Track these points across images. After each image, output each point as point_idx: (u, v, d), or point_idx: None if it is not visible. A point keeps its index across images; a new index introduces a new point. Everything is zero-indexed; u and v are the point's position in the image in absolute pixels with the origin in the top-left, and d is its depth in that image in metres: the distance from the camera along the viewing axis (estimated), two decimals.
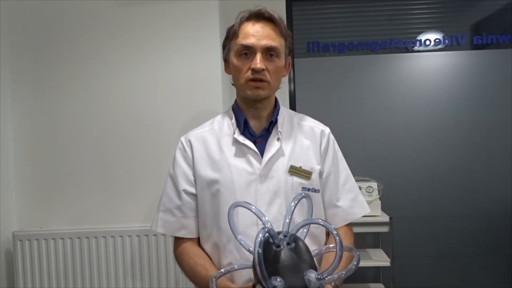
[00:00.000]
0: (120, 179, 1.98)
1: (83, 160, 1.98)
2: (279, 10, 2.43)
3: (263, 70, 1.11)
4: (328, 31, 2.65)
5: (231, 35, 1.16)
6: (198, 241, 1.22)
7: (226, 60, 1.21)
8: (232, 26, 1.16)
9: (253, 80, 1.12)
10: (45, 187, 1.99)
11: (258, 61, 1.10)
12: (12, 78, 1.98)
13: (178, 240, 1.22)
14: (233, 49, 1.15)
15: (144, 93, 1.96)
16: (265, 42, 1.11)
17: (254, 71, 1.10)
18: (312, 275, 0.84)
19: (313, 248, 1.00)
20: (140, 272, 1.92)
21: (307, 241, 0.98)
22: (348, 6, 2.63)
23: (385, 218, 2.18)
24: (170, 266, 1.91)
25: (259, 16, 1.13)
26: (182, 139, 1.25)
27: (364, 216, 1.25)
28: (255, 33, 1.11)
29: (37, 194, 1.99)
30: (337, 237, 0.84)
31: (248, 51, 1.12)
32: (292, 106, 2.52)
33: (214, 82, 1.95)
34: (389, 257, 2.21)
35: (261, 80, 1.12)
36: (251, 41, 1.11)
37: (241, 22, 1.14)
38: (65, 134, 1.98)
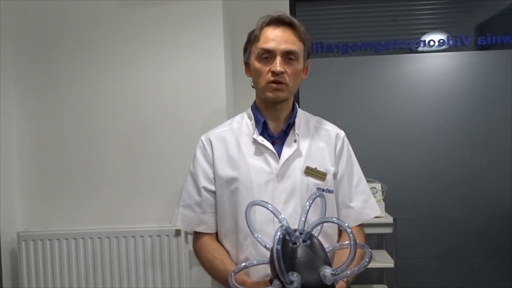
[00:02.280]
0: (125, 179, 1.98)
1: (88, 160, 1.98)
2: (283, 10, 2.43)
3: (282, 73, 1.15)
4: (332, 32, 2.65)
5: (252, 39, 1.21)
6: (216, 235, 1.26)
7: (246, 63, 1.26)
8: (253, 31, 1.21)
9: (273, 82, 1.16)
10: (50, 187, 1.99)
11: (278, 64, 1.14)
12: (17, 78, 1.98)
13: (197, 235, 1.27)
14: (254, 52, 1.20)
15: (148, 93, 1.97)
16: (284, 46, 1.15)
17: (274, 73, 1.15)
18: (327, 270, 0.88)
19: (326, 245, 1.03)
20: (144, 273, 1.92)
21: (321, 239, 1.01)
22: (352, 6, 2.63)
23: (389, 219, 2.18)
24: (173, 266, 1.91)
25: (279, 21, 1.18)
26: (203, 137, 1.29)
27: None
28: (275, 38, 1.16)
29: (42, 195, 1.99)
30: (351, 235, 0.88)
31: (268, 55, 1.16)
32: None
33: (218, 82, 1.96)
34: (392, 258, 2.20)
35: (281, 83, 1.16)
36: (271, 45, 1.15)
37: (262, 27, 1.19)
38: (70, 135, 1.98)
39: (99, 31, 1.97)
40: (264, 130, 1.23)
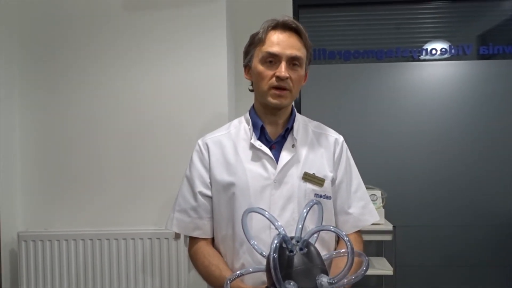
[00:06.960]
0: (126, 181, 1.98)
1: (90, 161, 1.98)
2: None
3: (287, 78, 1.14)
4: (335, 39, 2.67)
5: (256, 41, 1.18)
6: (212, 240, 1.25)
7: (246, 65, 1.23)
8: (257, 33, 1.19)
9: (276, 87, 1.15)
10: (51, 188, 1.99)
11: (283, 69, 1.13)
12: (21, 79, 1.99)
13: (192, 240, 1.25)
14: (257, 55, 1.18)
15: (152, 96, 1.97)
16: (290, 51, 1.14)
17: (279, 78, 1.13)
18: (324, 279, 0.87)
19: (323, 253, 1.02)
20: (143, 276, 1.92)
21: (317, 246, 1.00)
22: (355, 14, 2.65)
23: (389, 226, 2.18)
24: (172, 269, 1.91)
25: (285, 26, 1.16)
26: (200, 141, 1.27)
27: None
28: (281, 42, 1.14)
29: (43, 195, 1.99)
30: (349, 243, 0.87)
31: (273, 59, 1.15)
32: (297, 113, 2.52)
33: (220, 85, 1.96)
34: (391, 265, 2.20)
35: (284, 89, 1.15)
36: (277, 49, 1.14)
37: (267, 30, 1.17)
38: (71, 136, 1.99)
39: (102, 34, 1.98)
40: (262, 135, 1.21)
